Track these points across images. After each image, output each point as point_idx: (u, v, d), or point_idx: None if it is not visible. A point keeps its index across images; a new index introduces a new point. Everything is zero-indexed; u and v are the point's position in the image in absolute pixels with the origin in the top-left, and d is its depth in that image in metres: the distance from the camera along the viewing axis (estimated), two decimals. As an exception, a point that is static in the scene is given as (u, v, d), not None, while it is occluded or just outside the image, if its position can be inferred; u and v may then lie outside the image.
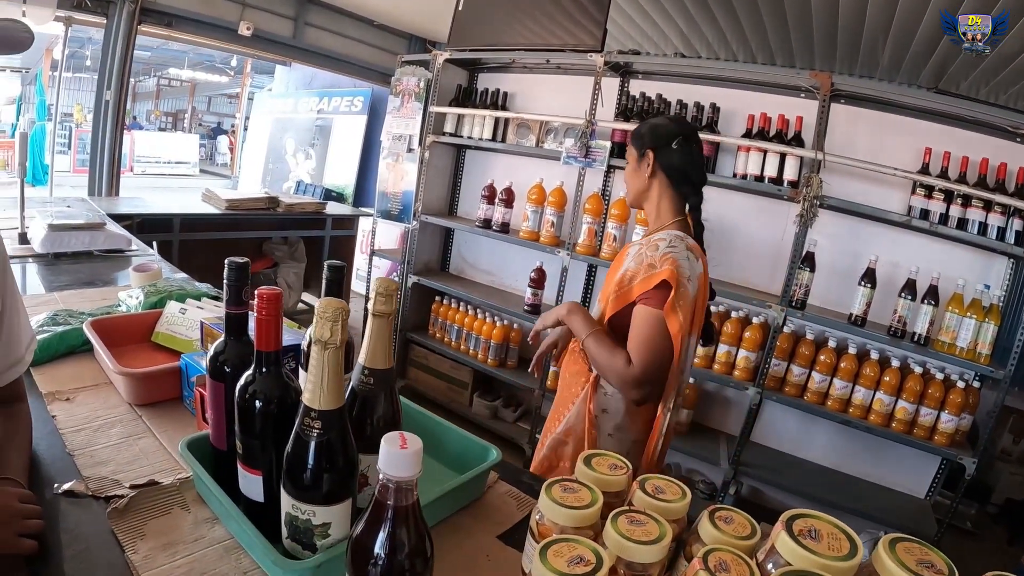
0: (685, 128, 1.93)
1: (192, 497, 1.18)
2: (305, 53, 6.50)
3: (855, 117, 3.32)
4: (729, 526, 0.89)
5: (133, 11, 5.02)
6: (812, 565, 0.74)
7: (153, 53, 16.51)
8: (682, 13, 4.69)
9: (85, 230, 2.99)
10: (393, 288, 0.93)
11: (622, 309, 1.80)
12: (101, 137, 5.23)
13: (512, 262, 4.60)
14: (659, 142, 1.89)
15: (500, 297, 4.44)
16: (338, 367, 0.86)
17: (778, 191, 3.23)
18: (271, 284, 3.75)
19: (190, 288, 2.18)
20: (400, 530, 0.71)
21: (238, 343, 1.09)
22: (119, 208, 4.40)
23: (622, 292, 1.80)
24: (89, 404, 1.51)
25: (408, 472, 0.69)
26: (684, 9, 4.61)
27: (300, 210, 5.54)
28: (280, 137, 9.04)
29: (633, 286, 1.77)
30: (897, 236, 3.29)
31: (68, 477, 1.20)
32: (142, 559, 1.00)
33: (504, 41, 4.14)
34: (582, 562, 0.76)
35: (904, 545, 0.75)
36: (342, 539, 0.95)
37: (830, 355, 3.23)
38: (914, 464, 3.34)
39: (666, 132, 1.90)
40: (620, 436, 1.86)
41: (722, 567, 0.79)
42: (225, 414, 1.09)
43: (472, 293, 4.43)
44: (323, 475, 0.89)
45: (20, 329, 1.24)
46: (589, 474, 1.01)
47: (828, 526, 0.81)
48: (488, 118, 4.24)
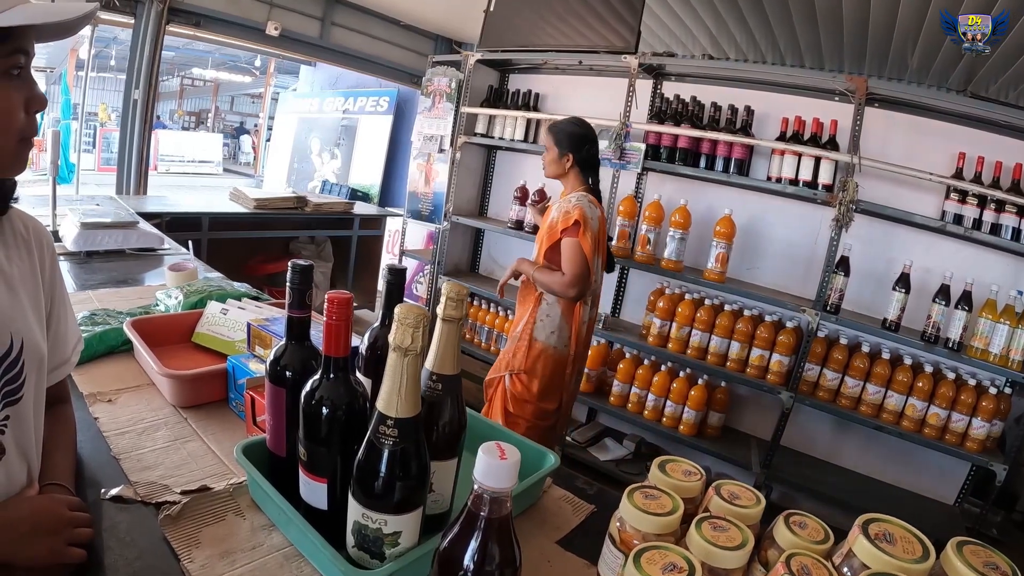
0: (591, 133, 2.87)
1: (247, 503, 1.16)
2: (332, 53, 6.51)
3: (889, 121, 3.29)
4: (804, 531, 0.91)
5: (161, 11, 5.03)
6: (890, 568, 0.75)
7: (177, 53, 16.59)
8: (712, 14, 4.66)
9: (118, 228, 3.00)
10: (464, 293, 0.91)
11: (552, 244, 2.74)
12: (129, 136, 5.25)
13: (544, 264, 4.56)
14: (576, 147, 2.80)
15: (532, 299, 4.40)
16: (416, 374, 0.85)
17: (813, 195, 3.21)
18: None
19: (230, 288, 2.17)
20: (492, 541, 0.70)
21: (299, 347, 1.07)
22: (147, 207, 4.43)
23: (552, 232, 2.74)
24: (132, 406, 1.50)
25: (505, 483, 0.67)
26: (714, 10, 4.58)
27: (328, 210, 5.56)
28: (305, 137, 9.07)
29: (557, 227, 2.70)
30: (931, 241, 3.26)
31: (115, 482, 1.18)
32: (200, 568, 0.98)
33: (535, 42, 4.14)
34: (676, 569, 0.76)
35: (971, 548, 0.78)
36: (411, 548, 0.93)
37: (863, 360, 3.20)
38: (944, 470, 3.31)
39: (579, 139, 2.81)
40: (559, 332, 2.81)
41: (804, 571, 0.80)
42: (286, 420, 1.07)
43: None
44: (396, 484, 0.88)
45: (68, 330, 1.22)
46: (666, 480, 1.00)
47: (900, 530, 0.83)
48: (520, 119, 4.25)
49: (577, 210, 2.67)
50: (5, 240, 1.05)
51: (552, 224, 2.75)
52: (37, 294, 1.10)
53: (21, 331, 1.01)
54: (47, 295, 1.13)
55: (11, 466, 1.00)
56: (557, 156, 2.83)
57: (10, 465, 1.00)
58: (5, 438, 0.98)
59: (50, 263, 1.14)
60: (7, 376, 0.98)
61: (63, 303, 1.20)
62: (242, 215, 4.98)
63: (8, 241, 1.05)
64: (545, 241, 2.80)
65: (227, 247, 4.89)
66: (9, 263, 1.04)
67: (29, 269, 1.08)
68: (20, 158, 0.94)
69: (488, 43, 4.37)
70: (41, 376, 1.07)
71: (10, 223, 1.06)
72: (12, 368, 0.99)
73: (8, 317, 0.99)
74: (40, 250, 1.12)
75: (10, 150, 0.92)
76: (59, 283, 1.18)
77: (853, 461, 3.55)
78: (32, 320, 1.06)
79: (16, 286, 1.03)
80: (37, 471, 1.07)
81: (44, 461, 1.10)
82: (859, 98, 3.06)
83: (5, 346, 0.98)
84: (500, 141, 4.38)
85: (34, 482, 1.06)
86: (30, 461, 1.05)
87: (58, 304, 1.18)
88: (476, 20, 4.51)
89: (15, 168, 0.95)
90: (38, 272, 1.10)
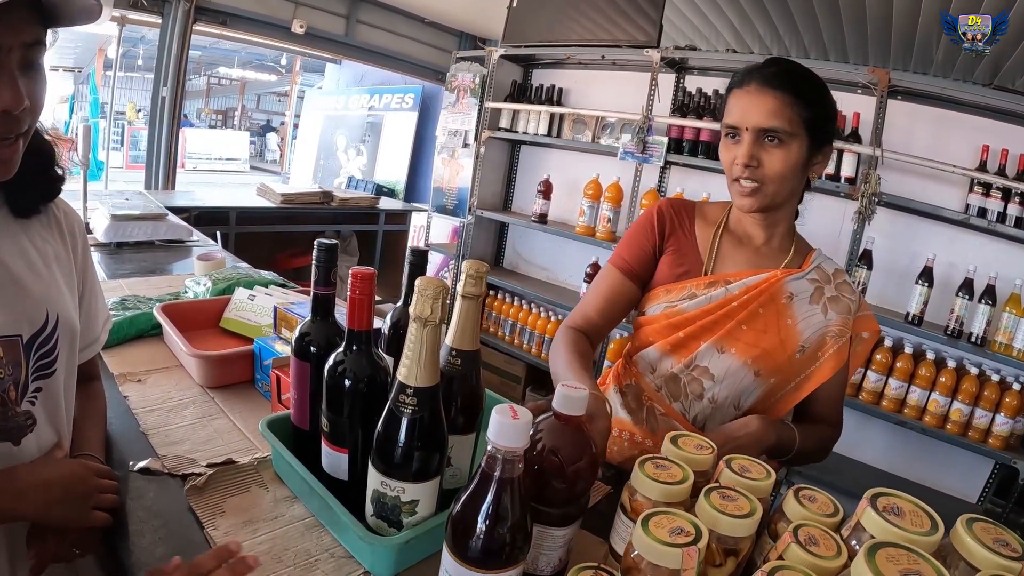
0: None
1: (270, 476, 1.21)
2: (357, 50, 6.54)
3: (912, 113, 3.27)
4: (813, 504, 0.93)
5: (188, 10, 5.09)
6: (898, 539, 0.75)
7: (203, 52, 16.73)
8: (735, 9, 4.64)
9: (147, 220, 3.05)
10: (484, 270, 0.94)
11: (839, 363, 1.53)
12: (157, 133, 5.32)
13: (567, 257, 4.59)
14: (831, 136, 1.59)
15: (555, 292, 4.44)
16: (435, 345, 0.87)
17: (835, 187, 3.20)
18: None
19: (257, 276, 2.22)
20: (504, 502, 0.72)
21: (324, 323, 1.11)
22: (175, 201, 4.49)
23: (843, 344, 1.51)
24: (161, 386, 1.54)
25: (517, 443, 0.70)
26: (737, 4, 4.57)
27: (354, 204, 5.63)
28: (331, 134, 9.12)
29: (849, 332, 1.52)
30: (954, 234, 3.23)
31: (143, 455, 1.23)
32: (223, 535, 1.02)
33: (557, 37, 4.16)
34: (683, 533, 0.77)
35: (980, 525, 0.77)
36: (428, 517, 0.96)
37: (886, 355, 3.18)
38: (967, 468, 3.27)
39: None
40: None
41: (811, 541, 0.82)
42: (310, 393, 1.11)
43: (527, 288, 4.45)
44: (415, 452, 0.90)
45: (97, 310, 1.28)
46: (677, 453, 1.01)
47: (909, 504, 0.84)
48: (543, 113, 4.26)
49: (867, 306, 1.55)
50: (43, 222, 1.10)
51: (836, 327, 1.46)
52: (71, 273, 1.15)
53: (57, 307, 1.05)
54: (79, 275, 1.19)
55: (42, 436, 1.05)
56: (807, 155, 1.38)
57: (41, 436, 1.05)
58: (36, 409, 1.03)
59: (82, 246, 1.20)
60: (42, 351, 1.03)
61: (93, 284, 1.25)
62: (269, 210, 5.05)
63: (45, 224, 1.11)
64: (824, 359, 1.46)
65: (254, 241, 4.97)
66: (45, 244, 1.09)
67: (64, 250, 1.14)
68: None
69: (511, 39, 4.39)
70: (73, 351, 1.12)
71: (46, 208, 1.11)
72: (47, 343, 1.03)
73: (45, 295, 1.04)
74: (72, 234, 1.17)
75: None
76: (90, 265, 1.24)
77: (876, 457, 3.52)
78: (67, 297, 1.11)
79: (52, 265, 1.09)
80: (68, 443, 1.12)
81: (75, 433, 1.16)
82: (881, 90, 3.04)
83: (41, 321, 1.02)
84: (524, 135, 4.39)
85: (65, 452, 1.10)
86: (61, 432, 1.10)
87: (89, 284, 1.23)
88: (499, 16, 4.54)
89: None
90: (71, 253, 1.15)
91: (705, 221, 1.56)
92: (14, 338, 0.98)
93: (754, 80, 1.36)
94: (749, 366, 1.43)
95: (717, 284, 1.46)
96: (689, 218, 1.56)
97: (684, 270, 1.51)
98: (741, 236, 1.52)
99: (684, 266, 1.51)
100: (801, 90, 1.35)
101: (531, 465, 0.84)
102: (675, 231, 1.54)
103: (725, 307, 1.44)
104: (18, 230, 1.04)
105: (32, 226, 1.07)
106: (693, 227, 1.55)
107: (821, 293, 1.46)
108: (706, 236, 1.53)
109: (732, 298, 1.44)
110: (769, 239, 1.50)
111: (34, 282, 1.03)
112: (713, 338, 1.44)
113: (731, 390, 1.46)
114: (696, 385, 1.47)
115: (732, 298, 1.44)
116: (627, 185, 3.85)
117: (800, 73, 1.39)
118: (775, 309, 1.43)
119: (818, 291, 1.46)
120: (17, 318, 0.99)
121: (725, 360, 1.44)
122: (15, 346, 0.99)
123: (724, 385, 1.45)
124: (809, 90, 1.37)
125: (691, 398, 1.48)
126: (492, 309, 4.72)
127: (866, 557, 0.69)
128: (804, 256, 1.51)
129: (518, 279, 4.69)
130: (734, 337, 1.43)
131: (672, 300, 1.49)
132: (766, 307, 1.43)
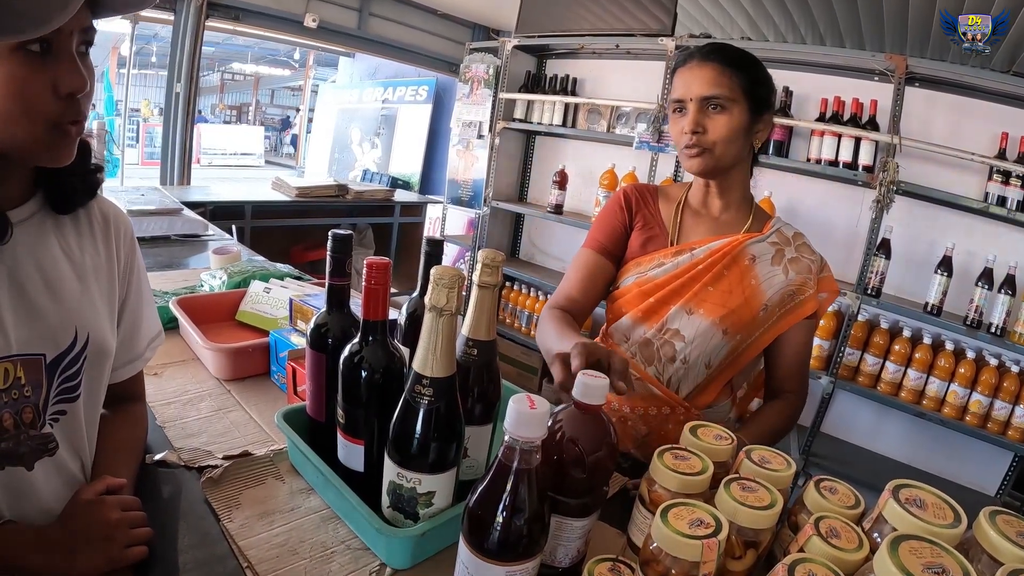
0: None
1: (286, 468, 1.21)
2: (370, 43, 6.54)
3: (930, 100, 3.22)
4: (834, 496, 0.92)
5: (201, 5, 5.10)
6: (921, 532, 0.75)
7: (217, 48, 16.82)
8: (750, -4, 4.61)
9: (163, 215, 3.07)
10: (500, 259, 0.92)
11: (793, 320, 1.64)
12: (172, 129, 5.34)
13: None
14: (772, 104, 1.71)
15: (572, 283, 4.40)
16: (451, 335, 0.87)
17: (853, 176, 3.16)
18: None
19: (272, 269, 2.22)
20: (522, 493, 0.72)
21: (339, 314, 1.10)
22: (191, 196, 4.49)
23: (800, 302, 1.63)
24: (177, 379, 1.55)
25: (536, 432, 0.69)
26: (752, -9, 4.54)
27: (369, 197, 5.64)
28: (345, 127, 9.12)
29: (808, 294, 1.63)
30: (973, 223, 3.18)
31: (160, 448, 1.22)
32: (239, 527, 1.02)
33: (571, 27, 4.14)
34: (702, 524, 0.76)
35: (1003, 517, 0.77)
36: (444, 508, 0.96)
37: (904, 345, 3.15)
38: (985, 460, 3.23)
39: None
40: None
41: (833, 533, 0.81)
42: (325, 385, 1.10)
43: (543, 279, 4.44)
44: (431, 443, 0.90)
45: (143, 323, 1.18)
46: (696, 443, 1.00)
47: (931, 496, 0.84)
48: (558, 104, 4.24)
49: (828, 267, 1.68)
50: (80, 229, 1.03)
51: (795, 285, 1.57)
52: (111, 285, 1.07)
53: (88, 325, 0.99)
54: (122, 285, 1.11)
55: (62, 461, 0.99)
56: (748, 121, 1.48)
57: (59, 461, 0.98)
58: (56, 432, 0.97)
59: (128, 252, 1.11)
60: (66, 374, 0.96)
61: (139, 295, 1.16)
62: (284, 203, 5.06)
63: (83, 230, 1.03)
64: (782, 313, 1.57)
65: (270, 235, 4.99)
66: (82, 253, 1.01)
67: (104, 259, 1.06)
68: (54, 146, 0.85)
69: (525, 29, 4.37)
70: (102, 372, 1.05)
71: (88, 211, 1.04)
72: (72, 365, 0.97)
73: (75, 311, 0.97)
74: (118, 239, 1.09)
75: (37, 137, 0.82)
76: (137, 274, 1.15)
77: (894, 449, 3.49)
78: (102, 313, 1.03)
79: (87, 277, 1.01)
80: (89, 467, 1.06)
81: (108, 458, 1.08)
82: (899, 77, 3.01)
83: (68, 341, 0.96)
84: (539, 126, 4.37)
85: (87, 478, 1.04)
86: (83, 457, 1.04)
87: (134, 295, 1.14)
88: (512, 7, 4.52)
89: (53, 157, 0.87)
90: (114, 261, 1.08)
91: (668, 200, 1.68)
92: (36, 357, 0.92)
93: (694, 58, 1.48)
94: (717, 325, 1.53)
95: (683, 252, 1.57)
96: (653, 198, 1.69)
97: (652, 243, 1.63)
98: (699, 209, 1.65)
99: (652, 240, 1.63)
100: (736, 61, 1.46)
101: (550, 454, 0.84)
102: (641, 208, 1.67)
103: (691, 271, 1.55)
104: (52, 240, 0.97)
105: (68, 233, 1.00)
106: (657, 205, 1.68)
107: (782, 255, 1.58)
108: (669, 212, 1.65)
109: (698, 262, 1.54)
110: (726, 207, 1.62)
111: (64, 297, 0.96)
112: (682, 301, 1.55)
113: (701, 350, 1.55)
114: (668, 348, 1.56)
115: (698, 262, 1.54)
116: (643, 175, 3.83)
117: (734, 48, 1.50)
118: (739, 271, 1.54)
119: (779, 253, 1.58)
120: (41, 336, 0.93)
121: (694, 321, 1.54)
122: (37, 366, 0.92)
123: (695, 345, 1.55)
124: (743, 60, 1.48)
125: (664, 361, 1.57)
126: (509, 300, 4.71)
127: (889, 550, 0.68)
128: (763, 222, 1.63)
129: (534, 270, 4.68)
130: (701, 298, 1.54)
131: (642, 271, 1.61)
132: (730, 269, 1.54)
